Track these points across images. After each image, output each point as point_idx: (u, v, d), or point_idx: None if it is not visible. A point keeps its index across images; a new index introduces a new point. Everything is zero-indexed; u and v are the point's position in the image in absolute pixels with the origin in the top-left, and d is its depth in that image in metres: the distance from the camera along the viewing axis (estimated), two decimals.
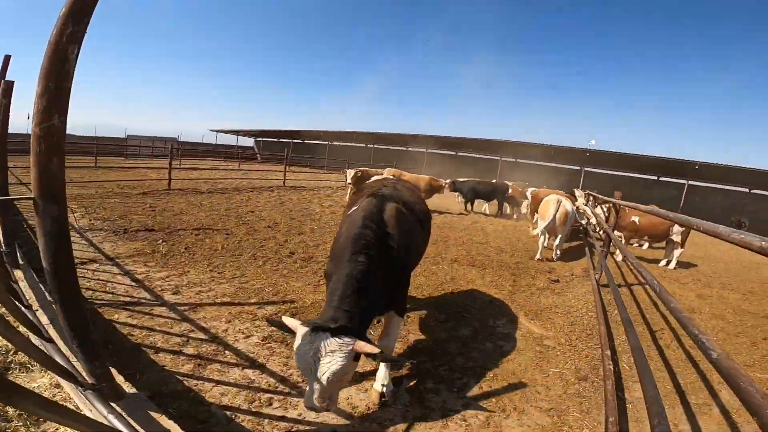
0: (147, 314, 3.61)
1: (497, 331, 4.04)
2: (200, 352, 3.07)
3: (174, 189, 11.52)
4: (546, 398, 2.92)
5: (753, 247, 1.39)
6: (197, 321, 3.57)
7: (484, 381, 3.06)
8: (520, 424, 2.60)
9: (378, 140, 34.08)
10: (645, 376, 2.09)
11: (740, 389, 1.23)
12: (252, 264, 5.36)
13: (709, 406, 2.99)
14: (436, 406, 2.70)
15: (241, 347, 3.20)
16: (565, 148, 24.52)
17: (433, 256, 6.85)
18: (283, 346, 3.27)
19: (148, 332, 3.28)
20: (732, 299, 6.09)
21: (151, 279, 4.50)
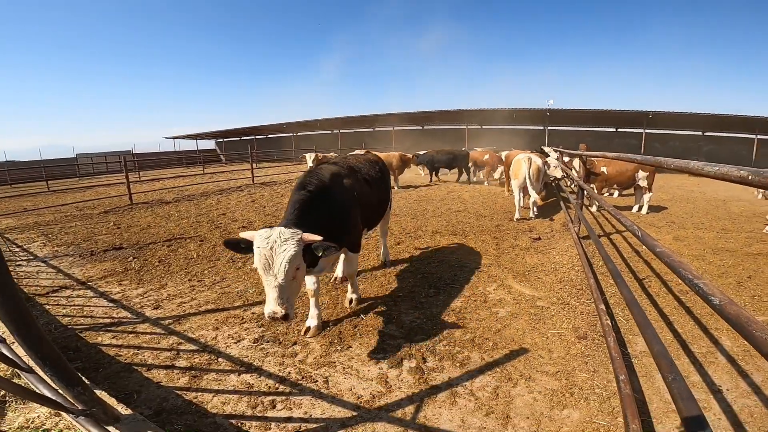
0: (131, 333, 3.47)
1: (489, 297, 4.06)
2: (193, 364, 2.96)
3: (137, 203, 11.01)
4: (550, 361, 2.92)
5: (732, 177, 1.37)
6: (184, 332, 3.44)
7: (486, 351, 3.05)
8: (530, 390, 2.59)
9: (344, 124, 33.51)
10: (647, 330, 2.03)
11: (755, 339, 1.12)
12: (231, 267, 5.20)
13: (714, 354, 2.98)
14: (442, 383, 2.68)
15: (233, 353, 3.09)
16: (527, 110, 24.80)
17: (414, 230, 6.84)
18: (276, 345, 3.18)
19: (135, 351, 3.16)
20: (708, 238, 6.33)
21: (129, 297, 4.31)
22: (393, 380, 2.71)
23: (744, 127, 24.15)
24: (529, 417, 2.35)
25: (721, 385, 2.58)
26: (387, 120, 30.32)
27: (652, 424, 2.27)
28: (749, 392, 2.50)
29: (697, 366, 2.83)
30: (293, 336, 3.31)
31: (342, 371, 2.82)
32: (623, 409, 2.18)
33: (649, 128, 25.35)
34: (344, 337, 3.29)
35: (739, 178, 1.33)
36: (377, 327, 3.45)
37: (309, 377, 2.75)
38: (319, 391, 2.61)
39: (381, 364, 2.90)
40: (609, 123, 27.82)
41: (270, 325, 3.50)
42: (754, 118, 20.96)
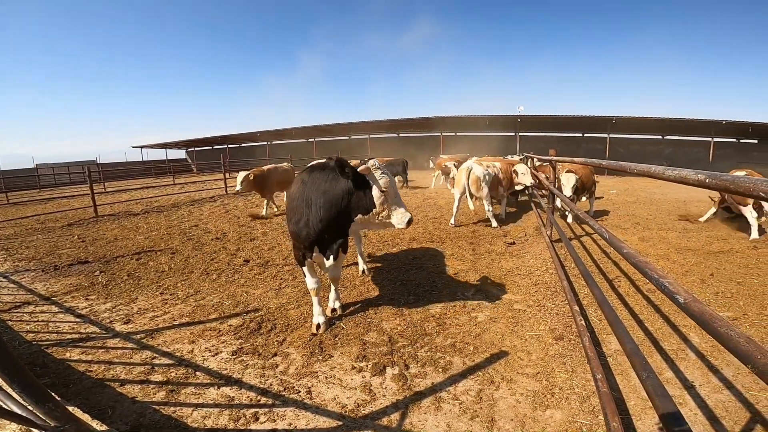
0: (101, 348, 3.33)
1: (468, 303, 4.08)
2: (170, 378, 2.85)
3: (103, 215, 10.57)
4: (530, 363, 2.96)
5: (690, 181, 1.43)
6: (158, 347, 3.31)
7: (467, 356, 3.07)
8: (512, 393, 2.62)
9: (319, 133, 33.34)
10: (619, 329, 2.10)
11: (719, 335, 1.17)
12: (205, 279, 5.05)
13: (684, 351, 3.08)
14: (426, 389, 2.67)
15: (212, 366, 2.99)
16: (499, 117, 25.42)
17: (392, 239, 6.85)
18: (255, 357, 3.10)
19: (107, 366, 3.04)
20: (671, 238, 6.61)
21: (97, 312, 4.14)
22: (377, 388, 2.68)
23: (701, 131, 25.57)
24: (513, 419, 2.36)
25: (694, 381, 2.68)
26: (362, 128, 30.41)
27: (632, 421, 2.32)
28: (721, 387, 2.60)
29: (669, 363, 2.93)
30: (273, 347, 3.24)
31: (325, 381, 2.77)
32: (603, 408, 2.22)
33: (613, 133, 26.44)
34: (325, 346, 3.24)
35: (696, 182, 1.39)
36: (358, 335, 3.42)
37: (291, 388, 2.69)
38: (302, 402, 2.55)
39: (364, 372, 2.87)
40: (576, 128, 28.89)
41: (248, 337, 3.41)
42: (710, 122, 22.21)
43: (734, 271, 4.86)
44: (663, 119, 22.83)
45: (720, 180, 1.25)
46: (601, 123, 24.83)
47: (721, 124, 22.25)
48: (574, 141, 29.56)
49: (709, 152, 24.26)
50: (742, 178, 1.13)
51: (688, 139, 27.96)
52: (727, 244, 6.20)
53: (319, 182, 3.17)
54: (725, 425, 2.26)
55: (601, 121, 24.17)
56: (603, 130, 26.38)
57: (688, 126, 24.49)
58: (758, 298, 4.02)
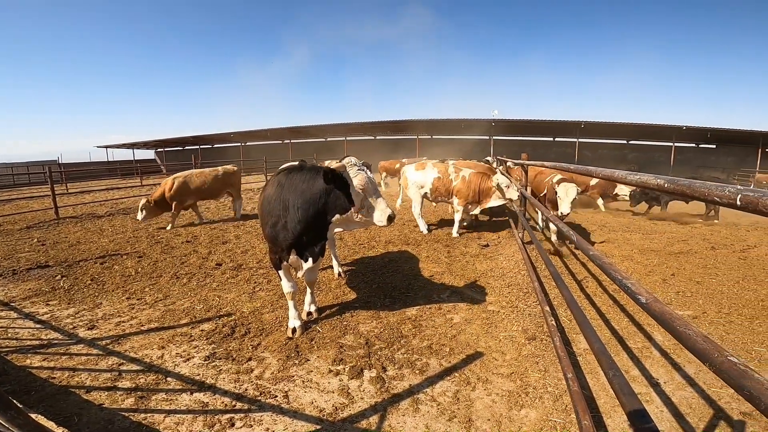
0: (64, 355, 3.19)
1: (443, 305, 4.11)
2: (139, 384, 2.75)
3: (64, 218, 10.09)
4: (504, 363, 3.01)
5: (650, 185, 1.50)
6: (125, 353, 3.19)
7: (443, 357, 3.09)
8: (488, 393, 2.65)
9: (295, 134, 32.97)
10: (586, 329, 2.16)
11: (678, 333, 1.23)
12: (175, 284, 4.89)
13: (649, 349, 3.21)
14: (403, 391, 2.67)
15: (183, 371, 2.90)
16: (473, 120, 25.88)
17: (368, 241, 6.83)
18: (229, 362, 3.02)
19: (71, 373, 2.91)
20: (635, 240, 6.89)
21: (58, 318, 3.95)
22: (354, 391, 2.66)
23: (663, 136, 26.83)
24: (489, 419, 2.39)
25: (659, 378, 2.79)
26: (338, 130, 30.30)
27: (602, 418, 2.39)
28: (685, 384, 2.72)
29: (635, 360, 3.04)
30: (247, 352, 3.16)
31: (302, 385, 2.73)
32: (574, 406, 2.28)
33: (582, 137, 27.39)
34: (301, 350, 3.19)
35: (656, 186, 1.46)
36: (335, 338, 3.39)
37: (268, 393, 2.63)
38: (279, 407, 2.51)
39: (341, 375, 2.85)
40: (547, 133, 29.76)
41: (221, 342, 3.33)
42: (671, 127, 23.32)
43: (694, 271, 5.11)
44: (627, 124, 23.83)
45: (677, 185, 1.32)
46: (570, 127, 25.66)
47: (682, 130, 23.41)
48: (545, 145, 30.47)
49: (671, 156, 25.45)
50: (697, 183, 1.19)
51: (651, 144, 29.31)
52: (687, 245, 6.52)
53: (296, 183, 3.13)
54: (690, 422, 2.36)
55: (571, 125, 24.99)
56: (572, 134, 27.29)
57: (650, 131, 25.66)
58: (716, 297, 4.24)
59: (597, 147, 29.73)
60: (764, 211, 0.90)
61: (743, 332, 3.50)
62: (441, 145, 29.41)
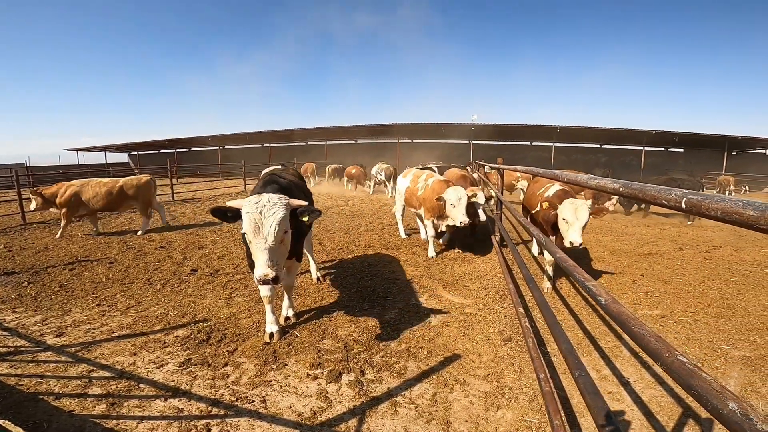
0: (31, 362, 3.09)
1: (421, 308, 4.15)
2: (110, 391, 2.69)
3: (32, 223, 9.69)
4: (481, 365, 3.05)
5: (607, 189, 1.58)
6: (95, 360, 3.10)
7: (421, 360, 3.11)
8: (466, 394, 2.69)
9: (275, 138, 32.60)
10: (555, 330, 2.23)
11: (633, 334, 1.29)
12: (148, 290, 4.76)
13: (619, 348, 3.30)
14: (382, 394, 2.68)
15: (157, 378, 2.84)
16: (453, 125, 26.17)
17: (347, 246, 6.82)
18: (204, 368, 2.96)
19: (38, 380, 2.83)
20: (606, 242, 7.10)
21: (25, 325, 3.82)
22: (333, 395, 2.65)
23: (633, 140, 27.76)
24: (467, 420, 2.43)
25: (629, 378, 2.88)
26: (319, 134, 30.14)
27: (576, 418, 2.46)
28: (654, 383, 2.82)
29: (606, 360, 3.13)
30: (224, 357, 3.11)
31: (279, 389, 2.71)
32: (546, 406, 2.34)
33: (558, 142, 28.09)
34: (279, 355, 3.16)
35: (612, 190, 1.53)
36: (313, 342, 3.37)
37: (244, 398, 2.60)
38: (256, 411, 2.48)
39: (319, 379, 2.83)
40: (524, 137, 30.38)
41: (196, 348, 3.26)
42: (642, 131, 24.15)
43: (662, 271, 5.30)
44: (600, 129, 24.56)
45: (630, 189, 1.39)
46: (546, 132, 26.28)
47: (651, 134, 24.28)
48: (523, 149, 31.06)
49: (641, 160, 26.35)
50: (648, 187, 1.26)
51: (622, 148, 30.28)
52: (655, 246, 6.76)
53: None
54: (660, 420, 2.45)
55: (547, 130, 25.59)
56: (548, 138, 27.96)
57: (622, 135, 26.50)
58: (683, 297, 4.41)
59: (572, 151, 30.52)
60: (707, 214, 0.95)
61: (709, 330, 3.66)
62: (422, 149, 29.60)
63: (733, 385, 2.82)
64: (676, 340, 3.47)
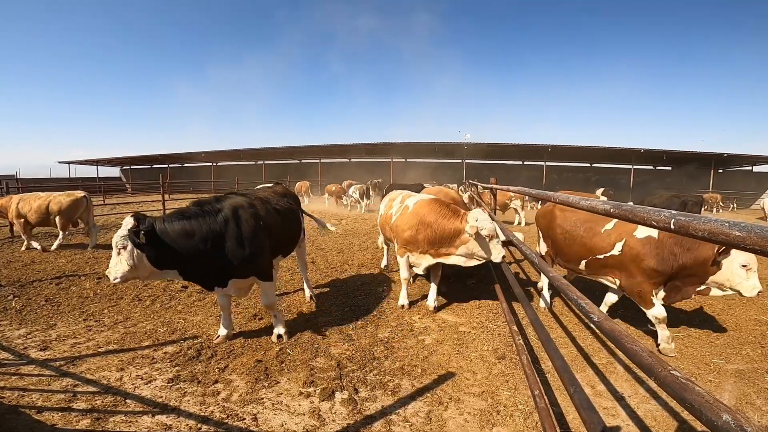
0: (14, 375, 3.03)
1: (415, 326, 4.11)
2: (95, 406, 2.62)
3: (19, 235, 9.49)
4: (475, 383, 3.02)
5: (598, 210, 1.60)
6: (80, 374, 3.03)
7: (416, 378, 3.07)
8: (460, 412, 2.65)
9: (269, 156, 32.71)
10: (549, 348, 2.21)
11: (626, 350, 1.29)
12: (137, 306, 4.67)
13: (613, 365, 3.30)
14: (376, 413, 2.63)
15: (145, 393, 2.77)
16: (447, 144, 26.50)
17: (340, 265, 6.76)
18: (194, 384, 2.90)
19: (21, 393, 2.77)
20: None
21: (9, 338, 3.75)
22: (326, 413, 2.60)
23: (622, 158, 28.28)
24: None
25: (624, 393, 2.87)
26: (313, 152, 30.29)
27: None
28: (648, 398, 2.81)
29: (600, 376, 3.12)
30: (214, 374, 3.04)
31: (271, 407, 2.65)
32: (542, 422, 2.31)
33: (549, 161, 28.51)
34: (271, 372, 3.10)
35: (603, 211, 1.55)
36: (306, 360, 3.31)
37: (235, 415, 2.54)
38: (248, 429, 2.42)
39: (312, 397, 2.78)
40: (516, 156, 30.81)
41: (186, 364, 3.19)
42: (630, 150, 24.64)
43: None
44: (590, 147, 25.02)
45: (621, 210, 1.41)
46: (538, 151, 26.69)
47: (640, 152, 24.77)
48: (516, 168, 31.46)
49: (631, 179, 26.78)
50: (638, 208, 1.28)
51: (612, 167, 30.83)
52: None
53: None
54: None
55: (539, 149, 26.01)
56: (540, 157, 28.38)
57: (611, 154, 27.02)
58: (675, 312, 4.42)
59: (563, 170, 30.99)
60: (695, 234, 0.96)
61: (701, 345, 3.67)
62: (415, 168, 29.85)
63: (727, 398, 2.82)
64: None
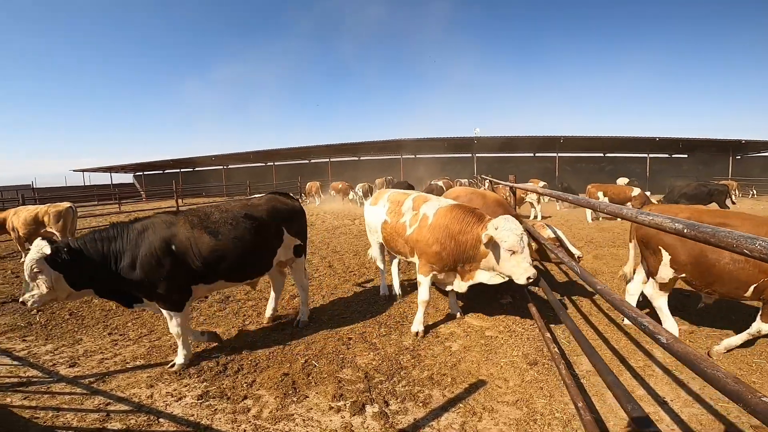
0: (46, 393, 3.03)
1: (440, 332, 4.03)
2: (129, 426, 2.60)
3: None
4: (508, 391, 2.94)
5: (665, 228, 1.48)
6: (111, 392, 3.02)
7: (446, 387, 3.00)
8: (495, 422, 2.58)
9: (279, 157, 32.86)
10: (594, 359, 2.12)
11: (706, 375, 1.19)
12: (159, 318, 4.65)
13: (651, 367, 3.19)
14: (408, 426, 2.57)
15: (176, 412, 2.75)
16: (457, 139, 26.30)
17: (358, 268, 6.70)
18: (224, 401, 2.87)
19: (54, 413, 2.75)
20: (623, 255, 6.96)
21: (37, 354, 3.76)
22: (358, 428, 2.55)
23: (637, 148, 27.73)
24: None
25: (665, 397, 2.77)
26: (322, 151, 30.33)
27: None
28: (692, 401, 2.70)
29: (639, 380, 3.01)
30: (242, 390, 3.01)
31: (302, 424, 2.60)
32: None
33: (561, 152, 28.09)
34: (299, 386, 3.05)
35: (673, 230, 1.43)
36: (332, 372, 3.25)
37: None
38: None
39: (343, 412, 2.73)
40: (528, 149, 30.40)
41: (213, 379, 3.16)
42: (645, 139, 24.15)
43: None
44: (603, 138, 24.59)
45: (699, 231, 1.27)
46: (550, 143, 26.33)
47: (655, 141, 24.28)
48: (527, 161, 31.04)
49: (646, 167, 26.27)
50: (722, 233, 1.16)
51: (627, 156, 30.24)
52: None
53: None
54: None
55: (550, 140, 25.66)
56: (552, 149, 27.98)
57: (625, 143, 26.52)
58: (711, 311, 4.26)
59: (576, 161, 30.48)
60: None
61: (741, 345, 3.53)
62: (426, 164, 29.65)
63: None
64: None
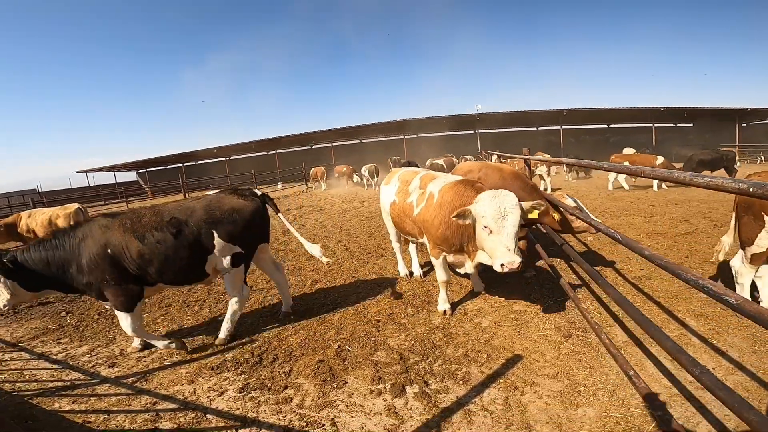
0: (92, 396, 3.08)
1: (468, 308, 4.06)
2: (180, 424, 2.64)
3: None
4: (546, 364, 2.96)
5: (728, 189, 1.46)
6: (155, 390, 3.07)
7: (483, 364, 3.03)
8: (539, 396, 2.61)
9: (281, 145, 32.70)
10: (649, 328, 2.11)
11: None
12: (187, 312, 4.73)
13: (687, 336, 3.18)
14: (452, 404, 2.60)
15: (221, 406, 2.80)
16: (458, 117, 26.01)
17: (374, 249, 6.73)
18: (265, 392, 2.92)
19: (106, 415, 2.80)
20: (639, 223, 6.94)
21: (74, 356, 3.82)
22: (402, 410, 2.59)
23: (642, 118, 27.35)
24: (548, 422, 2.36)
25: (707, 365, 2.78)
26: (324, 136, 30.14)
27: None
28: (734, 369, 2.71)
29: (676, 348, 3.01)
30: (281, 380, 3.06)
31: (346, 410, 2.65)
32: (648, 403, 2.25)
33: (565, 125, 27.75)
34: (336, 372, 3.10)
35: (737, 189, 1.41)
36: (367, 356, 3.30)
37: (314, 422, 2.55)
38: None
39: (384, 395, 2.77)
40: (531, 122, 30.07)
41: (251, 371, 3.21)
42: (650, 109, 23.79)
43: (705, 252, 5.13)
44: (607, 109, 24.24)
45: (766, 189, 1.26)
46: (553, 116, 26.00)
47: (660, 111, 23.90)
48: (531, 135, 30.74)
49: (652, 137, 25.93)
50: None
51: (632, 126, 29.85)
52: (690, 225, 6.59)
53: None
54: (753, 404, 2.34)
55: (554, 114, 25.33)
56: (555, 122, 27.64)
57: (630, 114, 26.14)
58: None
59: (580, 133, 30.19)
60: None
61: None
62: (429, 143, 29.42)
63: None
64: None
